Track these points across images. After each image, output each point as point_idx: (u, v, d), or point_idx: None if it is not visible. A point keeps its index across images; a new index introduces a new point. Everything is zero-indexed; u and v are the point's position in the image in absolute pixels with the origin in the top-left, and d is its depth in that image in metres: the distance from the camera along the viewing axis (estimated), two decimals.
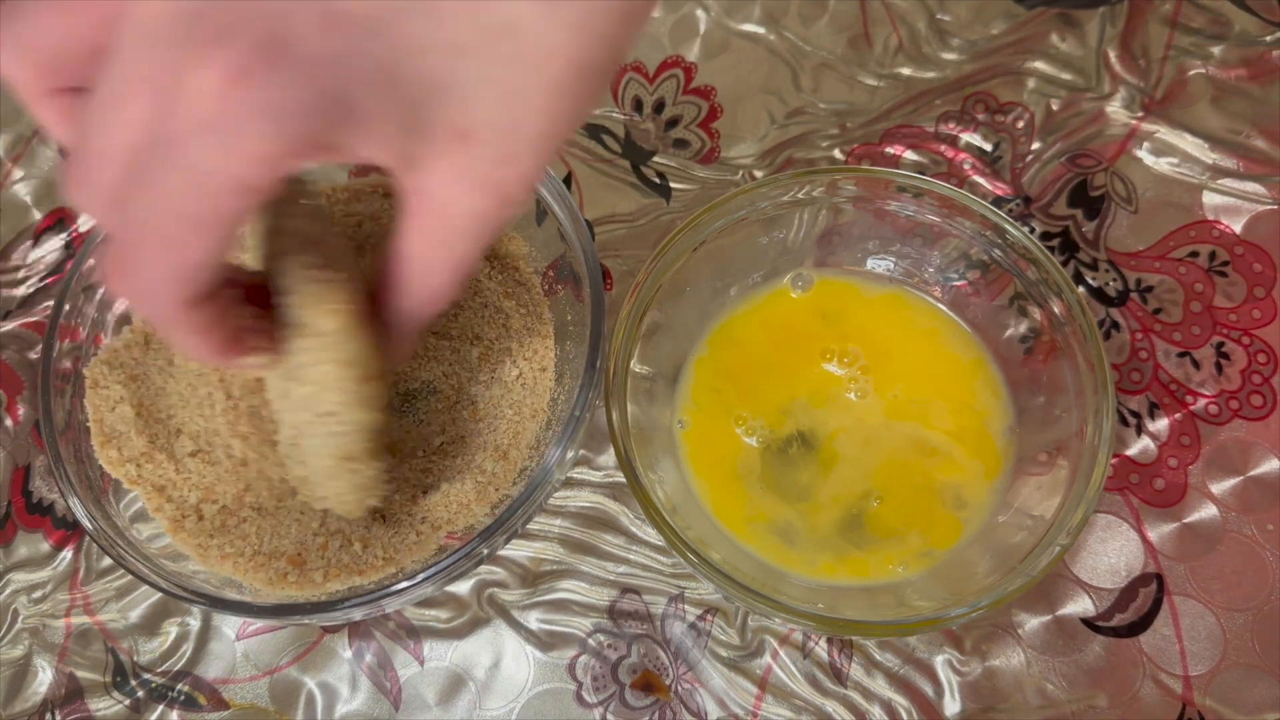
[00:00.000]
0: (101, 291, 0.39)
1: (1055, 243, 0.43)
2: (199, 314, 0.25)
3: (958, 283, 0.39)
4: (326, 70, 0.20)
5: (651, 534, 0.40)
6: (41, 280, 0.48)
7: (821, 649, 0.38)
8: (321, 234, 0.32)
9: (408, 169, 0.23)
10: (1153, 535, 0.39)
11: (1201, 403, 0.40)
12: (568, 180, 0.46)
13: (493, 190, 0.24)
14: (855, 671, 0.38)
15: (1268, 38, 0.45)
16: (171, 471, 0.37)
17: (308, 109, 0.20)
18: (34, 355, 0.46)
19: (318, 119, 0.20)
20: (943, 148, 0.45)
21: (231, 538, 0.36)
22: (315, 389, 0.32)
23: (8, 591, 0.42)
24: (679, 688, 0.38)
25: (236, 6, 0.20)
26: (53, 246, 0.48)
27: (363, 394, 0.33)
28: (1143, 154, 0.44)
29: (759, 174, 0.46)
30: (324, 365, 0.32)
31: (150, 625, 0.41)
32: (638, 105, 0.48)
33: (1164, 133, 0.44)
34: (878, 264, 0.40)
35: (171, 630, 0.41)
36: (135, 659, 0.41)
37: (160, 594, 0.40)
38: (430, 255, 0.26)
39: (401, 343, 0.30)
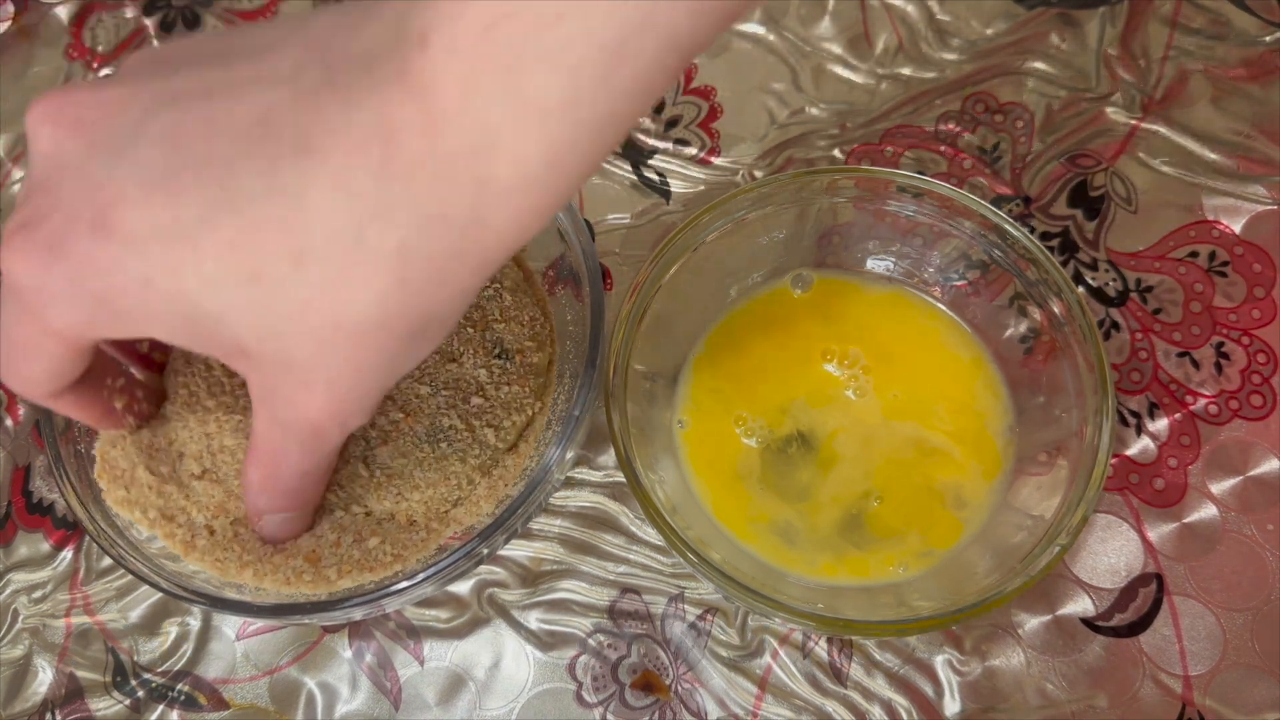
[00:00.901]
0: None
1: (1055, 243, 0.43)
2: (63, 402, 0.29)
3: (958, 283, 0.39)
4: (92, 273, 0.22)
5: (651, 534, 0.40)
6: None
7: (821, 649, 0.38)
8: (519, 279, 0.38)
9: (226, 360, 0.25)
10: (1153, 535, 0.39)
11: (1201, 403, 0.40)
12: None
13: (296, 410, 0.24)
14: (855, 671, 0.38)
15: (1268, 38, 0.45)
16: (181, 499, 0.36)
17: (71, 298, 0.23)
18: None
19: (84, 311, 0.23)
20: (943, 148, 0.45)
21: (248, 545, 0.35)
22: (489, 405, 0.36)
23: (8, 591, 0.42)
24: (679, 688, 0.38)
25: (51, 198, 0.23)
26: None
27: (528, 421, 0.38)
28: (1143, 154, 0.44)
29: (759, 174, 0.46)
30: (516, 388, 0.37)
31: (150, 625, 0.41)
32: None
33: (1164, 133, 0.44)
34: (878, 264, 0.40)
35: (171, 630, 0.41)
36: (135, 659, 0.41)
37: (160, 594, 0.40)
38: (258, 452, 0.28)
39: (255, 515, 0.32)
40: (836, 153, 0.46)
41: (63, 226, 0.22)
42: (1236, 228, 0.42)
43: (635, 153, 0.47)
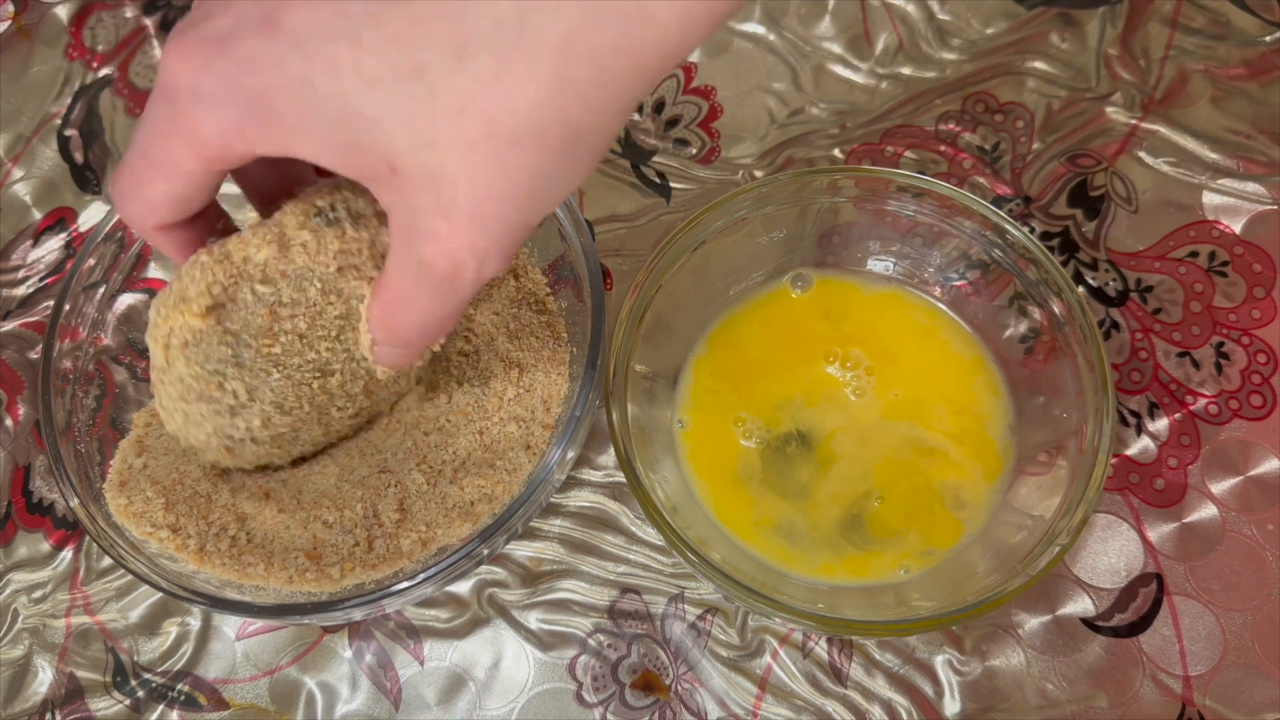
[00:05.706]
0: (101, 291, 0.39)
1: (1055, 243, 0.43)
2: (166, 239, 0.28)
3: (958, 282, 0.39)
4: (252, 71, 0.22)
5: (651, 534, 0.40)
6: (41, 280, 0.48)
7: (821, 649, 0.38)
8: None
9: (371, 183, 0.24)
10: (1153, 535, 0.39)
11: (1201, 403, 0.40)
12: None
13: (435, 244, 0.24)
14: (855, 671, 0.38)
15: (1268, 38, 0.45)
16: (201, 523, 0.36)
17: (227, 99, 0.23)
18: (34, 355, 0.46)
19: (237, 114, 0.23)
20: (943, 148, 0.45)
21: (255, 546, 0.35)
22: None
23: (8, 591, 0.42)
24: (679, 688, 0.38)
25: (224, 2, 0.23)
26: (52, 246, 0.48)
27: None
28: (1143, 154, 0.44)
29: (759, 174, 0.46)
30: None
31: (150, 625, 0.41)
32: (638, 105, 0.48)
33: (1164, 133, 0.44)
34: (878, 264, 0.40)
35: (171, 630, 0.41)
36: (135, 659, 0.41)
37: (160, 594, 0.40)
38: (384, 291, 0.27)
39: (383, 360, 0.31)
40: (837, 152, 0.46)
41: (231, 26, 0.22)
42: (1236, 228, 0.42)
43: (635, 153, 0.47)
